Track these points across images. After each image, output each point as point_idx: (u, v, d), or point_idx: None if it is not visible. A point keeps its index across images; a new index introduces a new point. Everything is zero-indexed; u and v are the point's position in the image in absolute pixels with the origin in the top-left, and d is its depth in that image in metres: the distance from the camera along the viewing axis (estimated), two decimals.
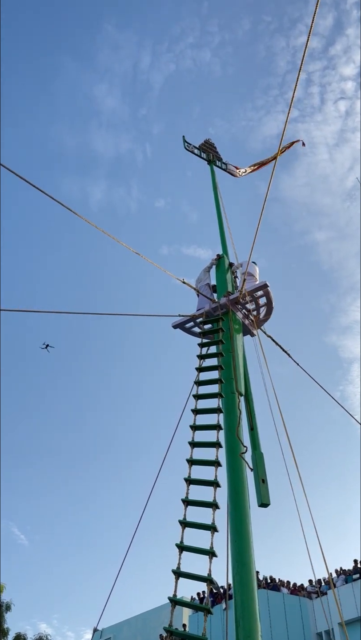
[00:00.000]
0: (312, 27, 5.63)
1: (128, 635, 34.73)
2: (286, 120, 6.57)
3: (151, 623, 32.80)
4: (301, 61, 5.92)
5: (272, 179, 7.21)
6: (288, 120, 6.60)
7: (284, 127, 6.64)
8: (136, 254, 8.06)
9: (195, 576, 5.67)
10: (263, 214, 7.63)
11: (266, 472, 7.36)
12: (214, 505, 6.08)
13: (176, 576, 5.67)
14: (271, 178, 7.21)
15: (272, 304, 8.83)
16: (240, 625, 5.95)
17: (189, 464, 6.63)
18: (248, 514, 6.62)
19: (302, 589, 25.55)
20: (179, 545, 5.86)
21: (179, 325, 9.07)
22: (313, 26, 5.62)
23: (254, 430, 7.82)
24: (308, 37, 5.70)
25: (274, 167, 7.44)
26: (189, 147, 11.45)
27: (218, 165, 11.65)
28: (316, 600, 24.58)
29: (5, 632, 26.63)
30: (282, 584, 25.61)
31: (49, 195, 6.94)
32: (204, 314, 8.68)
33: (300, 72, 6.04)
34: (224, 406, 7.41)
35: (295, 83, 6.18)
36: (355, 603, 22.42)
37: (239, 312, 8.66)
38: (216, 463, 6.48)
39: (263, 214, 7.63)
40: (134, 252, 7.87)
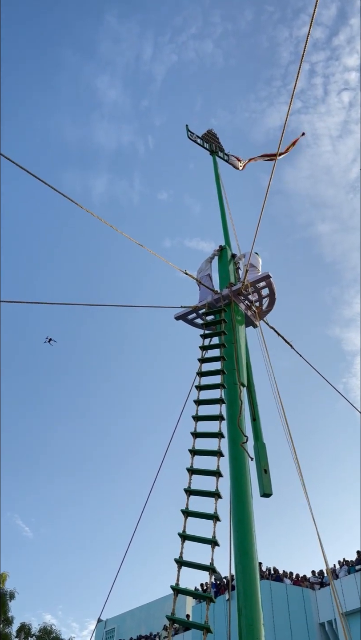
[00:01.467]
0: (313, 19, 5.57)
1: (132, 625, 35.03)
2: (287, 113, 6.53)
3: (155, 613, 33.08)
4: (303, 52, 5.87)
5: (273, 174, 7.17)
6: (291, 111, 6.55)
7: (286, 120, 6.60)
8: (138, 246, 8.05)
9: (197, 565, 5.70)
10: (265, 206, 7.59)
11: (268, 463, 7.38)
12: (217, 495, 6.10)
13: (178, 565, 5.70)
14: (272, 174, 7.18)
15: (275, 295, 8.81)
16: (242, 614, 5.98)
17: (191, 454, 6.65)
18: (250, 504, 6.64)
19: (305, 580, 25.69)
20: (182, 535, 5.88)
21: (182, 317, 9.07)
22: (316, 16, 5.56)
23: (256, 420, 7.83)
24: (310, 28, 5.65)
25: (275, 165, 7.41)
26: (192, 136, 11.40)
27: (220, 156, 11.59)
28: (319, 591, 24.71)
29: (9, 621, 26.86)
30: (285, 575, 25.74)
31: (53, 188, 6.93)
32: (206, 305, 8.67)
33: (301, 64, 5.99)
34: (227, 397, 7.42)
35: (297, 74, 6.13)
36: (358, 593, 22.52)
37: (241, 303, 8.65)
38: (218, 453, 6.50)
39: (266, 205, 7.59)
40: (138, 244, 7.86)
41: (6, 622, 26.72)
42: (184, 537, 5.87)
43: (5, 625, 26.61)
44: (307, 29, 5.65)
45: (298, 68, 6.03)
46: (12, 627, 26.99)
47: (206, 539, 5.78)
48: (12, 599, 27.16)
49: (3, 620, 26.54)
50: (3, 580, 27.29)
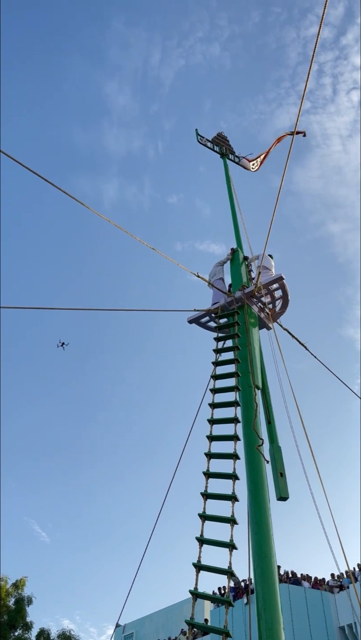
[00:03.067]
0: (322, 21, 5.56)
1: (150, 630, 34.95)
2: (298, 113, 6.52)
3: (173, 618, 32.97)
4: (313, 54, 5.86)
5: (283, 178, 7.16)
6: (301, 112, 6.54)
7: (297, 119, 6.59)
8: (150, 250, 8.07)
9: (215, 569, 5.68)
10: (277, 207, 7.58)
11: (284, 466, 7.34)
12: (234, 498, 6.08)
13: (196, 569, 5.69)
14: (285, 172, 7.17)
15: (288, 297, 8.78)
16: (262, 618, 5.95)
17: (207, 457, 6.64)
18: (267, 507, 6.61)
19: (323, 583, 25.47)
20: (200, 539, 5.87)
21: (195, 320, 9.07)
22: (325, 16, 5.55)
23: (271, 423, 7.80)
24: (320, 29, 5.65)
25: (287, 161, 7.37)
26: (202, 140, 11.42)
27: (230, 158, 11.60)
28: (338, 594, 24.48)
29: (29, 626, 26.90)
30: (303, 578, 25.54)
31: (67, 193, 6.98)
32: (219, 308, 8.67)
33: (311, 66, 5.98)
34: (242, 400, 7.41)
35: (307, 75, 6.12)
36: None
37: (254, 305, 8.63)
38: (234, 456, 6.48)
39: (278, 206, 7.58)
40: (150, 248, 7.89)
41: (25, 627, 26.76)
42: (201, 541, 5.86)
43: (24, 631, 26.67)
44: (314, 29, 5.64)
45: (307, 69, 6.02)
46: (31, 632, 27.04)
47: (224, 543, 5.76)
48: (30, 604, 27.23)
49: (22, 626, 26.60)
50: (22, 585, 27.35)
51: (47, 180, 6.74)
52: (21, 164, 6.44)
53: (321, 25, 5.61)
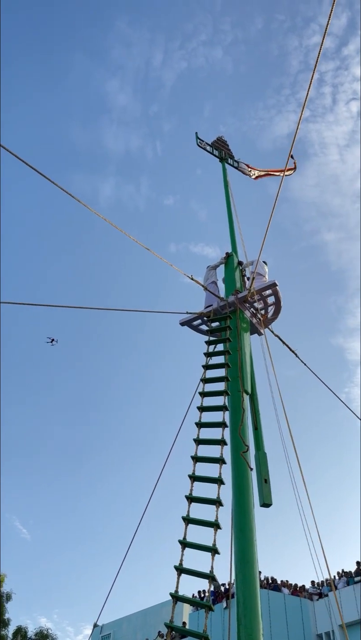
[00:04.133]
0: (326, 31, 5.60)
1: (128, 631, 34.82)
2: (298, 123, 6.55)
3: (151, 620, 32.88)
4: (316, 62, 5.90)
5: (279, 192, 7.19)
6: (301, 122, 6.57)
7: (297, 129, 6.62)
8: (144, 251, 8.06)
9: (197, 573, 5.67)
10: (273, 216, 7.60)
11: (269, 472, 7.35)
12: (218, 503, 6.08)
13: (178, 572, 5.68)
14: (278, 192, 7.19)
15: (280, 304, 8.80)
16: (242, 624, 5.95)
17: (193, 460, 6.63)
18: (252, 513, 6.61)
19: (303, 590, 25.53)
20: (182, 542, 5.86)
21: (187, 323, 9.07)
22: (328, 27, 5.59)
23: (258, 429, 7.81)
24: (323, 39, 5.68)
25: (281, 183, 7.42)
26: (202, 143, 11.44)
27: (230, 163, 11.62)
28: (317, 602, 24.55)
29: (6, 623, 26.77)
30: (283, 585, 25.59)
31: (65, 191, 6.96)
32: (212, 311, 8.67)
33: (313, 76, 6.01)
34: (230, 404, 7.41)
35: (309, 85, 6.16)
36: (356, 605, 22.37)
37: (247, 310, 8.64)
38: (220, 460, 6.48)
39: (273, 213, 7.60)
40: (145, 248, 7.88)
41: (3, 624, 26.63)
42: (184, 544, 5.85)
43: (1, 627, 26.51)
44: (317, 38, 5.68)
45: (309, 77, 6.05)
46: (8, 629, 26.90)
47: (206, 547, 5.75)
48: (9, 600, 27.09)
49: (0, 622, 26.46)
50: (1, 581, 27.21)
51: (44, 176, 6.72)
52: (19, 158, 6.41)
53: (324, 36, 5.64)
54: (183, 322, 9.07)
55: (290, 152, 7.35)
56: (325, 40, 5.67)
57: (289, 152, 7.13)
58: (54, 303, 8.53)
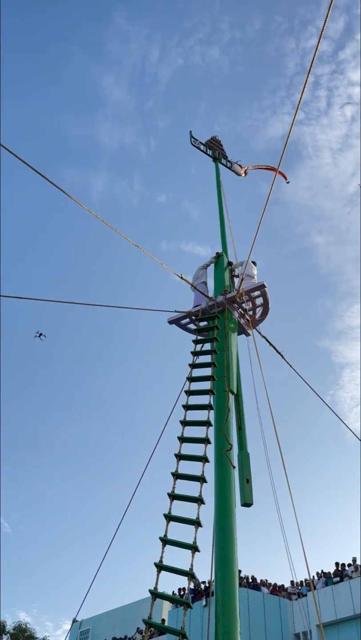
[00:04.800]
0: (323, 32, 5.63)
1: (107, 627, 34.83)
2: (291, 125, 6.58)
3: (130, 616, 32.91)
4: (310, 67, 5.93)
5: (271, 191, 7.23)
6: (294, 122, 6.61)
7: (289, 132, 6.65)
8: (135, 248, 8.06)
9: (177, 570, 5.70)
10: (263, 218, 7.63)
11: (251, 472, 7.40)
12: (200, 501, 6.11)
13: (158, 569, 5.70)
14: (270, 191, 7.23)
15: (268, 305, 8.86)
16: (220, 622, 5.99)
17: (177, 458, 6.66)
18: (233, 511, 6.65)
19: (282, 590, 25.71)
20: (163, 539, 5.89)
21: (175, 321, 9.09)
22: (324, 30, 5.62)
23: (242, 429, 7.86)
24: (318, 42, 5.72)
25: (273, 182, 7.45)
26: (196, 142, 11.46)
27: (223, 163, 11.65)
28: (295, 602, 24.74)
29: None
30: (263, 584, 25.74)
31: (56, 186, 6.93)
32: (200, 311, 8.71)
33: (307, 79, 6.05)
34: (215, 403, 7.45)
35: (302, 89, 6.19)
36: (334, 606, 22.58)
37: (235, 311, 8.69)
38: (203, 459, 6.51)
39: (264, 214, 7.64)
40: (134, 245, 7.88)
41: None
42: (165, 541, 5.88)
43: None
44: (314, 41, 5.71)
45: (304, 80, 6.09)
46: None
47: (186, 544, 5.79)
48: None
49: None
50: None
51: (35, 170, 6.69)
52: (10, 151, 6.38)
53: (319, 40, 5.68)
54: (171, 320, 9.09)
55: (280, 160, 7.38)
56: (322, 44, 5.71)
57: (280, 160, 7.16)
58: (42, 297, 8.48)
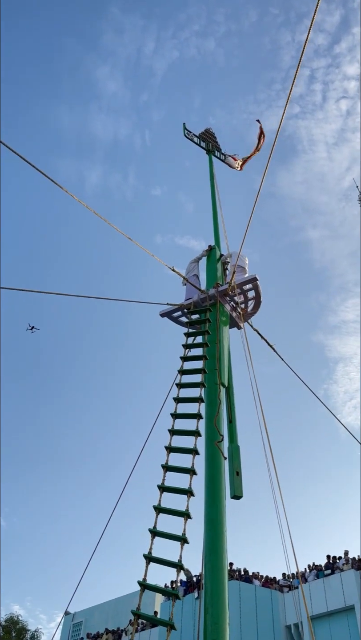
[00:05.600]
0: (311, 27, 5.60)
1: (99, 619, 34.97)
2: (281, 117, 6.55)
3: (123, 609, 33.06)
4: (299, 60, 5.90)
5: (263, 179, 7.20)
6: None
7: (279, 124, 6.62)
8: (129, 241, 8.02)
9: (166, 562, 5.71)
10: (256, 209, 7.62)
11: (241, 465, 7.41)
12: (189, 493, 6.12)
13: (147, 561, 5.71)
14: (262, 180, 7.21)
15: (260, 298, 8.85)
16: (208, 612, 6.00)
17: (167, 450, 6.66)
18: (223, 503, 6.66)
19: (274, 582, 25.87)
20: (152, 531, 5.89)
21: (167, 314, 9.08)
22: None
23: (232, 422, 7.86)
24: (308, 35, 5.68)
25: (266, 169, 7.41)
26: (189, 134, 11.40)
27: (216, 155, 11.60)
28: (287, 594, 24.91)
29: None
30: (255, 577, 25.89)
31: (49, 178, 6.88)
32: (192, 303, 8.69)
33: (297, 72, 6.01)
34: (206, 396, 7.45)
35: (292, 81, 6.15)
36: (325, 598, 22.75)
37: (227, 304, 8.67)
38: (194, 451, 6.52)
39: (258, 208, 7.62)
40: (126, 237, 7.84)
41: None
42: (154, 533, 5.88)
43: None
44: (310, 34, 5.67)
45: (300, 73, 6.05)
46: None
47: (175, 536, 5.79)
48: None
49: None
50: None
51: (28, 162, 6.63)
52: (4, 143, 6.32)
53: (308, 33, 5.64)
54: (163, 313, 9.07)
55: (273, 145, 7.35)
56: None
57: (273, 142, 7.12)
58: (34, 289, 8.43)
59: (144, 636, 27.54)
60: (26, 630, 27.78)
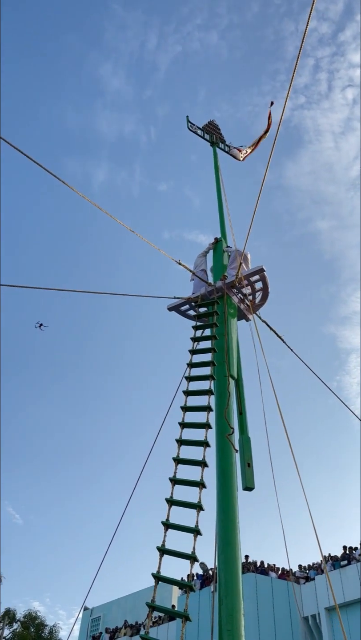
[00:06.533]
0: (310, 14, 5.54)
1: (118, 614, 35.23)
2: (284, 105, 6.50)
3: (140, 603, 33.26)
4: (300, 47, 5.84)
5: (267, 169, 7.16)
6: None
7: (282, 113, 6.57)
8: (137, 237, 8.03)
9: (179, 554, 5.73)
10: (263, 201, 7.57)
11: (252, 457, 7.41)
12: (201, 485, 6.13)
13: (160, 553, 5.74)
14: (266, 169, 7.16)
15: (268, 289, 8.81)
16: (223, 604, 6.02)
17: (178, 443, 6.68)
18: (235, 495, 6.67)
19: (290, 574, 25.89)
20: (165, 523, 5.92)
21: (175, 308, 9.07)
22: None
23: (243, 414, 7.85)
24: (307, 24, 5.62)
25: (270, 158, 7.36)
26: (193, 127, 11.36)
27: (221, 147, 11.54)
28: (304, 585, 24.92)
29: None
30: (271, 569, 25.92)
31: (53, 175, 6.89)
32: (199, 297, 8.67)
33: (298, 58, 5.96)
34: (216, 389, 7.44)
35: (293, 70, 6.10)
36: (342, 589, 22.73)
37: (234, 296, 8.64)
38: (204, 444, 6.52)
39: (266, 201, 7.58)
40: (131, 231, 7.85)
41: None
42: (167, 525, 5.90)
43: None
44: (313, 24, 5.62)
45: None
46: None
47: (188, 528, 5.81)
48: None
49: None
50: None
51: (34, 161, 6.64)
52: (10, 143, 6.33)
53: (308, 22, 5.59)
54: (170, 307, 9.06)
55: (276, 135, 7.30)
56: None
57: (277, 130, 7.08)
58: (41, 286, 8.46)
59: (162, 629, 27.72)
60: (44, 626, 28.05)
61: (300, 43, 5.78)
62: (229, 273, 8.72)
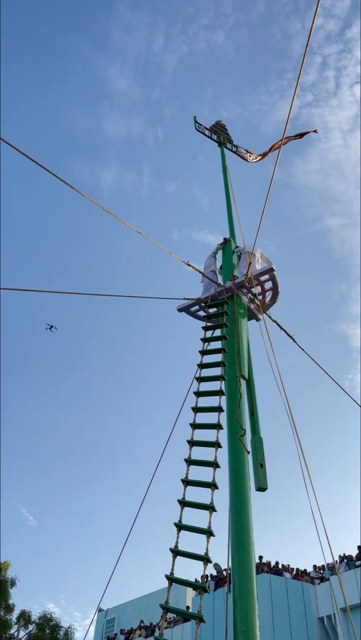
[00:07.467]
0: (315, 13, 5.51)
1: (132, 615, 35.27)
2: (291, 103, 6.48)
3: (155, 604, 33.28)
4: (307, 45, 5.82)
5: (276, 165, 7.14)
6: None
7: (289, 111, 6.55)
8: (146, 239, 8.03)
9: (193, 555, 5.72)
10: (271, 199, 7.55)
11: (264, 457, 7.37)
12: (213, 486, 6.12)
13: (173, 555, 5.73)
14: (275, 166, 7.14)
15: (278, 289, 8.77)
16: (237, 605, 6.00)
17: (190, 444, 6.67)
18: (248, 496, 6.65)
19: (305, 574, 25.76)
20: (178, 525, 5.91)
21: (184, 309, 9.06)
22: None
23: (254, 414, 7.82)
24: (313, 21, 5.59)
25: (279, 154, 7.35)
26: (200, 127, 11.35)
27: (228, 147, 11.53)
28: (318, 586, 24.78)
29: (10, 608, 27.14)
30: (285, 569, 25.81)
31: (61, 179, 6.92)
32: (209, 297, 8.66)
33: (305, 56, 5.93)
34: (227, 389, 7.43)
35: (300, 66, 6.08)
36: (358, 589, 22.56)
37: (244, 296, 8.62)
38: (216, 444, 6.51)
39: (275, 200, 7.56)
40: (138, 232, 7.85)
41: (7, 609, 26.99)
42: (180, 526, 5.90)
43: (6, 612, 26.89)
44: (319, 21, 5.60)
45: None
46: (12, 614, 27.27)
47: (201, 529, 5.80)
48: (14, 586, 27.45)
49: (4, 607, 26.81)
50: (5, 568, 27.53)
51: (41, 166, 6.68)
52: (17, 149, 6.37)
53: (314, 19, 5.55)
54: (180, 308, 9.06)
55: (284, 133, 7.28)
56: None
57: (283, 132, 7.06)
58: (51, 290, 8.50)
59: (177, 631, 27.69)
60: (60, 627, 28.14)
61: (307, 41, 5.76)
62: (240, 272, 8.71)
